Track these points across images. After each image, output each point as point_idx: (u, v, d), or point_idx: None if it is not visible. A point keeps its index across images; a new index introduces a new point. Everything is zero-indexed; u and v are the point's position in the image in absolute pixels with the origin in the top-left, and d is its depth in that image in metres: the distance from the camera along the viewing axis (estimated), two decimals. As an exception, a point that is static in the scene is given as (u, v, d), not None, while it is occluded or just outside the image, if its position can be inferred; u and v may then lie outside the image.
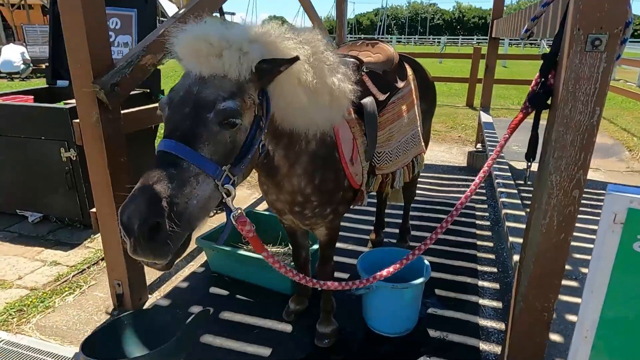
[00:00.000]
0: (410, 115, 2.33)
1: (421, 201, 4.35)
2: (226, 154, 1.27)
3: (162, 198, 1.10)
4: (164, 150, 1.19)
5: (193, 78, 1.28)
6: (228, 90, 1.26)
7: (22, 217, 3.93)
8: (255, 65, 1.30)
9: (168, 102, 1.29)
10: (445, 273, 3.08)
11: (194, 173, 1.18)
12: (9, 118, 3.57)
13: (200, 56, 1.26)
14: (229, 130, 1.27)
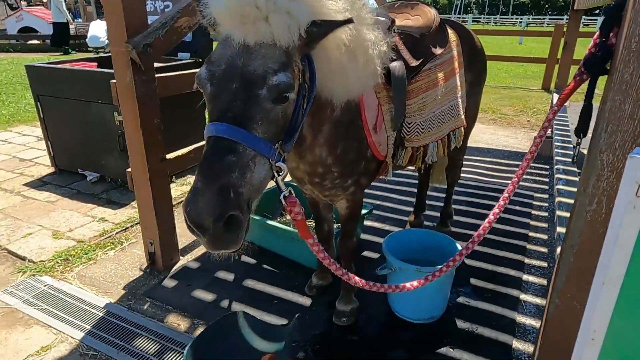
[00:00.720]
0: (449, 84, 2.11)
1: (471, 186, 4.05)
2: (278, 130, 1.18)
3: (229, 189, 1.04)
4: (218, 135, 1.08)
5: (236, 47, 1.13)
6: (278, 61, 1.13)
7: (82, 176, 4.24)
8: (306, 29, 1.16)
9: (209, 77, 1.15)
10: (485, 263, 2.83)
11: (251, 156, 1.10)
12: (72, 82, 3.81)
13: (246, 22, 1.11)
14: (281, 106, 1.16)
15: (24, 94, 7.66)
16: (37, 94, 4.11)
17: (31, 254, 2.95)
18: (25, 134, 5.69)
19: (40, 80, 4.04)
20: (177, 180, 4.17)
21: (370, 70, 1.53)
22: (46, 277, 2.71)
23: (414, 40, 1.95)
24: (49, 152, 4.33)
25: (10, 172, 4.40)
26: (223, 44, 1.17)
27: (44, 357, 2.09)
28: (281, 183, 1.22)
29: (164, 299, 2.50)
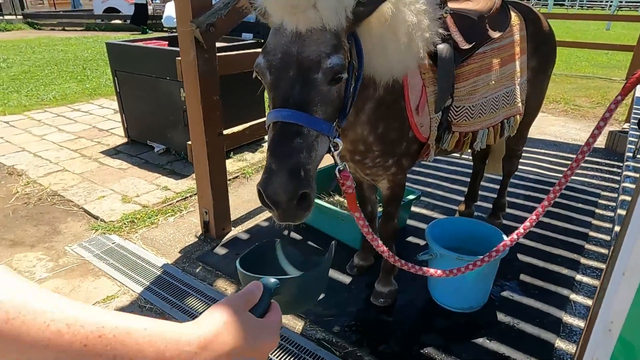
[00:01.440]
0: (507, 70, 2.02)
1: (531, 179, 3.85)
2: (335, 109, 1.27)
3: (299, 169, 1.14)
4: (284, 121, 1.17)
5: (289, 35, 1.19)
6: (329, 44, 1.19)
7: (150, 147, 4.57)
8: (352, 10, 1.21)
9: (267, 66, 1.22)
10: (537, 259, 2.72)
11: (315, 136, 1.19)
12: (144, 59, 4.10)
13: (296, 11, 1.16)
14: (336, 86, 1.25)
15: (105, 70, 8.30)
16: (115, 69, 4.47)
17: (103, 214, 3.27)
18: (105, 106, 6.21)
19: (118, 57, 4.39)
20: (234, 155, 4.38)
21: (413, 51, 1.55)
22: (114, 235, 3.00)
23: (469, 22, 1.89)
24: (123, 124, 4.71)
25: (89, 140, 4.85)
26: (276, 33, 1.24)
27: (108, 305, 2.35)
28: (337, 157, 1.30)
29: (214, 265, 2.68)
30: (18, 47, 11.31)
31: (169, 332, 0.54)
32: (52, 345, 0.47)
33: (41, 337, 0.47)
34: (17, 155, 4.36)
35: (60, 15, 17.95)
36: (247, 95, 4.30)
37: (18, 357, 0.47)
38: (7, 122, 5.39)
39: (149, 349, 0.51)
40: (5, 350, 0.46)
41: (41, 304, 0.48)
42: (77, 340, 0.48)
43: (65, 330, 0.48)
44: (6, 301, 0.46)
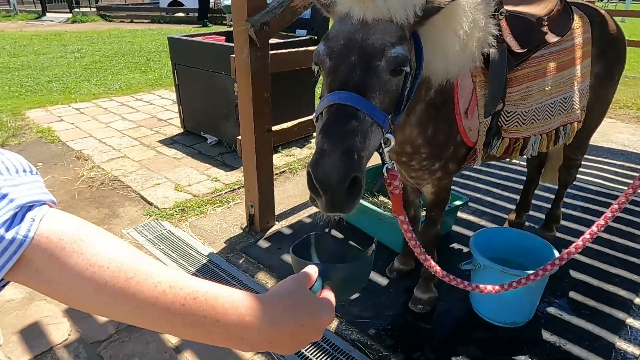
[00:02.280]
0: (566, 75, 1.91)
1: (591, 190, 3.61)
2: (392, 102, 1.24)
3: (353, 152, 1.07)
4: (340, 102, 1.12)
5: (354, 24, 1.18)
6: (395, 35, 1.18)
7: (204, 139, 4.76)
8: (421, 6, 1.20)
9: (328, 52, 1.20)
10: (591, 277, 2.56)
11: (370, 123, 1.14)
12: (201, 53, 4.27)
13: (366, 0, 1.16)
14: (397, 78, 1.22)
15: (167, 62, 8.71)
16: (175, 63, 4.68)
17: (157, 201, 3.46)
18: (164, 97, 6.53)
19: (178, 51, 4.60)
20: (282, 150, 4.45)
21: (469, 51, 1.50)
22: (166, 222, 3.16)
23: (526, 24, 1.80)
24: (179, 115, 4.93)
25: (149, 129, 5.13)
26: (340, 21, 1.23)
27: (157, 288, 2.49)
28: (386, 154, 1.24)
29: (257, 257, 2.76)
30: (91, 38, 12.12)
31: (248, 300, 0.64)
32: (158, 303, 0.56)
33: (150, 295, 0.56)
34: (84, 140, 4.71)
35: (129, 8, 19.02)
36: (297, 92, 4.36)
37: (131, 310, 0.56)
38: (77, 109, 5.82)
39: (232, 312, 0.61)
40: (124, 303, 0.55)
41: (149, 268, 0.58)
42: (177, 301, 0.58)
43: (168, 291, 0.57)
44: (125, 263, 0.56)
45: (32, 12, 18.42)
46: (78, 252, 0.53)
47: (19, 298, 2.36)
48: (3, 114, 5.42)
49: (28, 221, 0.51)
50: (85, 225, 0.57)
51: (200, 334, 0.60)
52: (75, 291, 0.54)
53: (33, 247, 0.51)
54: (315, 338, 0.72)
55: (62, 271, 0.52)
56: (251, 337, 0.63)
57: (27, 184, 0.53)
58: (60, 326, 2.19)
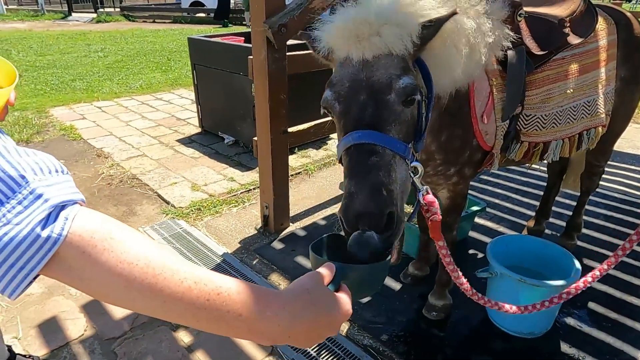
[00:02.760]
0: (589, 77, 1.85)
1: (615, 198, 3.50)
2: (409, 132, 1.21)
3: (381, 187, 1.04)
4: (357, 143, 1.10)
5: (356, 65, 1.18)
6: (398, 67, 1.17)
7: (221, 138, 4.80)
8: (417, 34, 1.19)
9: (335, 97, 1.19)
10: (613, 288, 2.47)
11: (391, 156, 1.11)
12: (220, 54, 4.30)
13: (360, 39, 1.16)
14: (410, 108, 1.20)
15: (187, 61, 8.81)
16: (194, 62, 4.73)
17: (174, 200, 3.49)
18: (184, 96, 6.61)
19: (197, 51, 4.64)
20: (298, 152, 4.45)
21: (475, 58, 1.47)
22: (182, 221, 3.20)
23: (547, 26, 1.76)
24: (198, 114, 4.98)
25: (168, 128, 5.20)
26: (341, 66, 1.22)
27: (171, 287, 2.51)
28: (418, 182, 1.20)
29: (270, 259, 2.76)
30: (114, 38, 12.38)
31: (269, 295, 0.68)
32: (184, 298, 0.60)
33: (177, 291, 0.59)
34: (105, 138, 4.80)
35: (152, 8, 19.36)
36: (314, 93, 4.33)
37: (159, 305, 0.59)
38: (99, 107, 5.94)
39: (254, 306, 0.64)
40: (152, 298, 0.58)
41: (175, 264, 0.61)
42: (202, 296, 0.61)
43: (194, 287, 0.60)
44: (153, 260, 0.59)
45: (58, 12, 18.92)
46: (109, 250, 0.56)
47: (38, 293, 2.41)
48: (28, 112, 5.57)
49: (62, 220, 0.54)
50: (115, 223, 0.60)
51: (224, 327, 0.64)
52: (106, 287, 0.57)
53: (67, 244, 0.54)
54: (332, 333, 0.75)
55: (93, 268, 0.56)
56: (271, 331, 0.66)
57: (59, 184, 0.57)
58: (77, 322, 2.23)
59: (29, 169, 0.55)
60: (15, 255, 0.51)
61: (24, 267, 0.53)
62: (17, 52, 9.60)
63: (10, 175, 0.53)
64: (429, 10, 1.25)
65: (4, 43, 10.79)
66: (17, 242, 0.51)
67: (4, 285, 0.53)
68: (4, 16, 16.94)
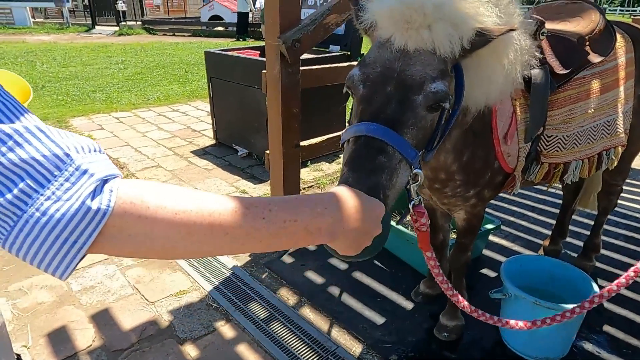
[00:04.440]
0: (609, 97, 1.81)
1: (636, 218, 3.39)
2: (425, 138, 1.16)
3: (379, 190, 1.00)
4: (369, 135, 1.06)
5: (394, 51, 1.12)
6: (437, 69, 1.11)
7: (235, 150, 4.83)
8: (469, 39, 1.11)
9: (362, 79, 1.14)
10: (634, 312, 2.38)
11: (399, 160, 1.06)
12: (235, 67, 4.36)
13: (410, 27, 1.09)
14: (433, 114, 1.14)
15: (204, 74, 8.94)
16: (210, 76, 4.80)
17: (186, 211, 3.51)
18: (200, 108, 6.70)
19: (213, 64, 4.71)
20: (310, 165, 4.45)
21: (511, 77, 1.42)
22: (193, 232, 3.20)
23: (568, 45, 1.72)
24: (213, 126, 5.04)
25: (183, 139, 5.26)
26: (379, 47, 1.16)
27: (180, 299, 2.51)
28: (414, 191, 1.15)
29: (280, 273, 2.74)
30: (134, 50, 12.68)
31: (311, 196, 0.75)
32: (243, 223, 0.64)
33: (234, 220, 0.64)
34: (122, 149, 4.88)
35: (172, 21, 19.83)
36: (327, 107, 4.35)
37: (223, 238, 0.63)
38: (117, 118, 6.05)
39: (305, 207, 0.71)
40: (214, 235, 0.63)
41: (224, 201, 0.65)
42: (258, 216, 0.65)
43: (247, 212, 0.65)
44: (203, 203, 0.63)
45: (83, 25, 19.51)
46: (162, 207, 0.59)
47: (49, 301, 2.44)
48: (49, 121, 5.70)
49: (107, 192, 0.56)
50: (156, 184, 0.63)
51: (285, 238, 0.68)
52: (171, 240, 0.60)
53: (120, 214, 0.57)
54: (376, 229, 0.83)
55: (153, 226, 0.59)
56: (327, 224, 0.72)
57: (100, 161, 0.59)
58: (85, 332, 2.24)
59: (72, 147, 0.57)
60: (69, 229, 0.53)
61: (77, 241, 0.54)
62: (41, 64, 9.90)
63: (57, 154, 0.54)
64: (487, 18, 1.18)
65: (29, 55, 11.15)
66: (69, 217, 0.53)
67: (58, 262, 0.55)
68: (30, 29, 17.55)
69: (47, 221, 0.52)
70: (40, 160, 0.53)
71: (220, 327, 2.29)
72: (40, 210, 0.52)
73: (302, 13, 4.97)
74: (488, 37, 1.12)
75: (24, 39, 14.57)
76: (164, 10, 24.60)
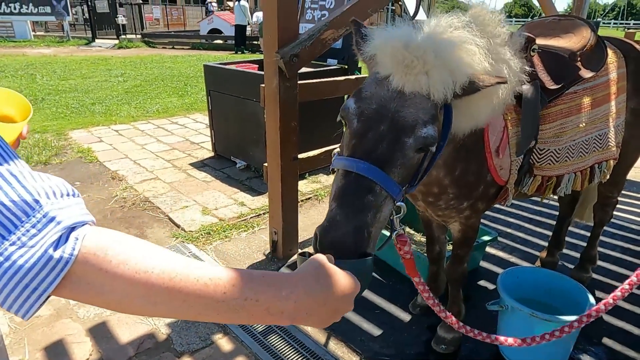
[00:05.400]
0: (600, 111, 1.85)
1: (633, 230, 3.41)
2: (409, 175, 1.19)
3: (364, 229, 1.03)
4: (359, 173, 1.08)
5: (391, 91, 1.15)
6: (429, 113, 1.14)
7: (233, 163, 4.86)
8: (462, 86, 1.15)
9: (357, 113, 1.17)
10: (631, 324, 2.39)
11: (384, 197, 1.09)
12: (233, 81, 4.41)
13: (408, 71, 1.13)
14: (420, 155, 1.18)
15: (203, 87, 9.00)
16: (209, 89, 4.85)
17: (184, 223, 3.52)
18: (199, 121, 6.75)
19: (212, 77, 4.77)
20: (309, 177, 4.48)
21: (501, 105, 1.45)
22: (191, 245, 3.21)
23: (559, 60, 1.76)
24: (211, 138, 5.07)
25: (182, 152, 5.29)
26: (377, 83, 1.19)
27: (178, 312, 2.50)
28: (397, 222, 1.18)
29: (278, 285, 2.74)
30: (134, 63, 12.78)
31: (281, 276, 0.72)
32: (202, 294, 0.63)
33: (194, 289, 0.63)
34: (120, 161, 4.90)
35: (172, 35, 19.99)
36: (325, 120, 4.38)
37: (179, 305, 0.63)
38: (116, 130, 6.09)
39: (269, 290, 0.68)
40: (171, 300, 0.62)
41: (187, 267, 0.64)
42: (219, 290, 0.64)
43: (209, 283, 0.64)
44: (166, 266, 0.63)
45: (83, 38, 19.67)
46: (124, 263, 0.59)
47: (47, 315, 2.43)
48: (48, 134, 5.74)
49: (72, 241, 0.57)
50: (125, 237, 0.63)
51: (244, 315, 0.67)
52: (127, 297, 0.60)
53: (82, 263, 0.57)
54: (347, 307, 0.79)
55: (113, 281, 0.59)
56: (290, 309, 0.69)
57: (70, 206, 0.60)
58: (82, 345, 2.23)
59: (43, 193, 0.57)
60: (30, 276, 0.54)
61: (37, 288, 0.55)
62: (41, 77, 9.96)
63: (25, 200, 0.55)
64: (479, 66, 1.21)
65: (29, 68, 11.22)
66: (31, 264, 0.54)
67: (19, 306, 0.56)
68: (31, 42, 17.68)
69: (9, 266, 0.53)
70: (8, 206, 0.54)
71: (218, 340, 2.28)
72: (3, 255, 0.53)
73: (301, 28, 5.06)
74: (478, 86, 1.17)
75: (25, 52, 14.69)
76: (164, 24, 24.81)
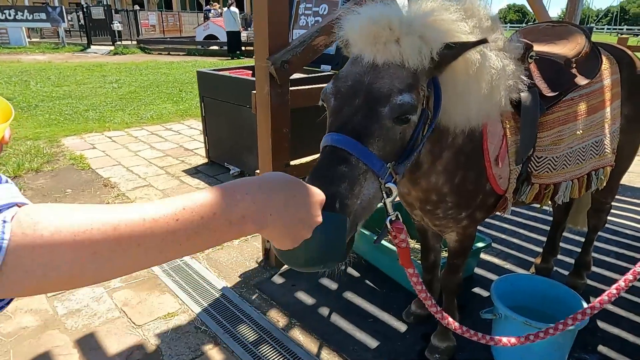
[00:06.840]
0: (596, 118, 1.84)
1: (627, 235, 3.40)
2: (393, 150, 1.16)
3: (335, 199, 0.99)
4: (333, 145, 1.08)
5: (364, 66, 1.16)
6: (404, 82, 1.14)
7: (227, 169, 4.83)
8: (438, 52, 1.15)
9: (334, 92, 1.18)
10: (626, 332, 2.37)
11: (363, 170, 1.06)
12: (226, 87, 4.39)
13: (378, 42, 1.14)
14: (401, 126, 1.15)
15: (197, 93, 9.02)
16: (203, 95, 4.83)
17: (176, 231, 3.48)
18: (193, 127, 6.72)
19: (205, 83, 4.76)
20: (303, 183, 4.45)
21: (494, 99, 1.44)
22: (183, 253, 3.17)
23: (555, 67, 1.75)
24: (205, 145, 5.04)
25: (175, 158, 5.25)
26: (352, 63, 1.21)
27: (168, 322, 2.46)
28: (389, 206, 1.16)
29: (270, 294, 2.71)
30: (129, 69, 12.76)
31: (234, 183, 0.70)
32: (155, 231, 0.58)
33: (144, 229, 0.57)
34: (113, 168, 4.86)
35: (167, 41, 20.01)
36: (317, 127, 4.36)
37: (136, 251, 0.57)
38: (110, 137, 6.05)
39: (222, 199, 0.64)
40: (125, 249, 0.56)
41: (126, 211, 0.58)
42: (170, 219, 0.59)
43: (157, 217, 0.59)
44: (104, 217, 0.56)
45: (78, 44, 19.65)
46: (58, 231, 0.52)
47: (34, 326, 2.38)
48: (41, 141, 5.69)
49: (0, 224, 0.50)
50: (53, 205, 0.56)
51: (207, 236, 0.62)
52: (76, 266, 0.53)
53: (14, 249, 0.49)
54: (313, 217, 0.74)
55: (52, 255, 0.52)
56: (251, 211, 0.65)
57: None
58: (70, 358, 2.18)
59: None
60: None
61: None
62: (35, 83, 9.92)
63: None
64: (460, 34, 1.21)
65: (23, 74, 11.18)
66: None
67: None
68: (26, 48, 17.64)
69: None
70: None
71: (209, 351, 2.24)
72: None
73: (294, 34, 5.06)
74: (458, 49, 1.17)
75: (19, 59, 14.65)
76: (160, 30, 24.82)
